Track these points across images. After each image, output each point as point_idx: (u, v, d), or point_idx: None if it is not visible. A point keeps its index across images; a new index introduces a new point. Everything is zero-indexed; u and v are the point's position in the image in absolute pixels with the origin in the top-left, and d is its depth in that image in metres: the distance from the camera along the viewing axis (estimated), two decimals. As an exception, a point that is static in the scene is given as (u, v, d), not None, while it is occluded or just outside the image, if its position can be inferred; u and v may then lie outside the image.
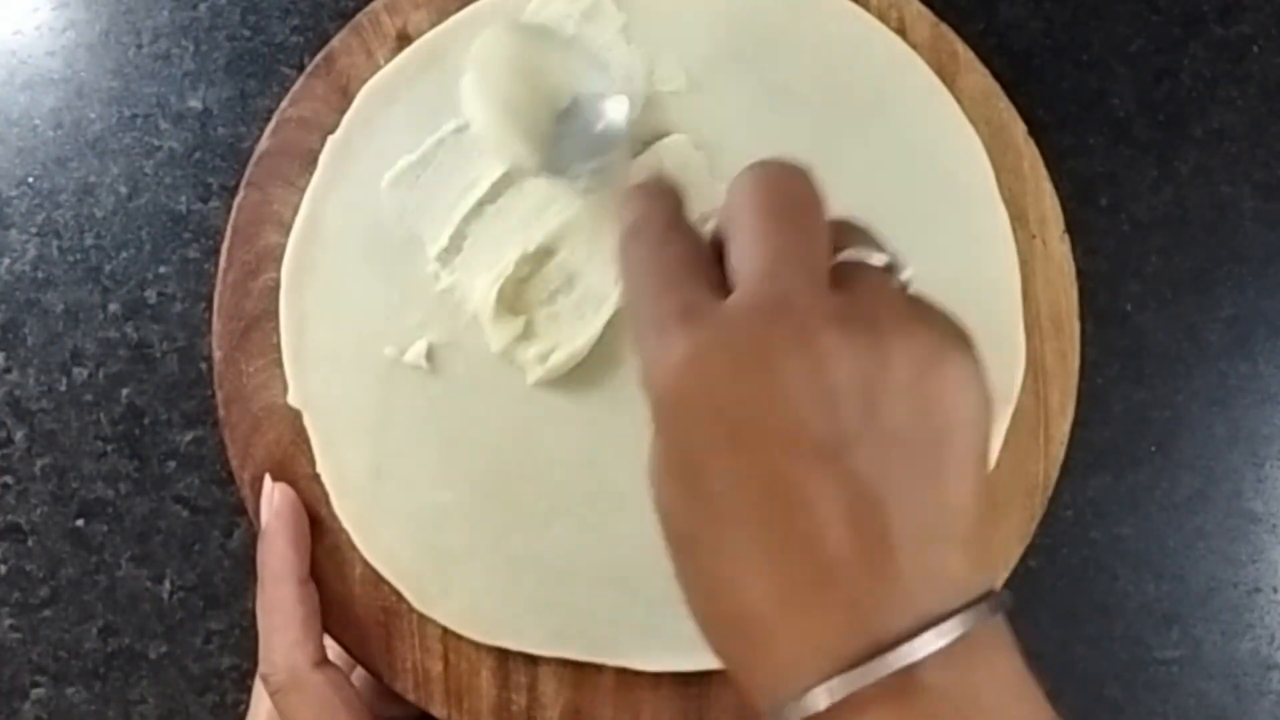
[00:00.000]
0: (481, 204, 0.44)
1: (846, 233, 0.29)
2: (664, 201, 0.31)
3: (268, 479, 0.43)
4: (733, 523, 0.26)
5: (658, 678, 0.43)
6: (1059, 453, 0.45)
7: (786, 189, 0.29)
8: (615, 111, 0.39)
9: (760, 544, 0.25)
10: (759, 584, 0.25)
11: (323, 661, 0.40)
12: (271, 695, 0.40)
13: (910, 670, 0.24)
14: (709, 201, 0.30)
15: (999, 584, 0.42)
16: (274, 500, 0.42)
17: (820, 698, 0.24)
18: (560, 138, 0.40)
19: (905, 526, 0.25)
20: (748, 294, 0.27)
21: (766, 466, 0.25)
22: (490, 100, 0.40)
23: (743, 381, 0.25)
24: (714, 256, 0.29)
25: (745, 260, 0.27)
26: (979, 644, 0.25)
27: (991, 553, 0.26)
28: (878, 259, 0.28)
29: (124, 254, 0.52)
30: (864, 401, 0.25)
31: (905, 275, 0.29)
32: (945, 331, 0.27)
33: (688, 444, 0.26)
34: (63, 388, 0.52)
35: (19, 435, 0.51)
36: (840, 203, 0.44)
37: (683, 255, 0.29)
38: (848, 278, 0.27)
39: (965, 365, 0.27)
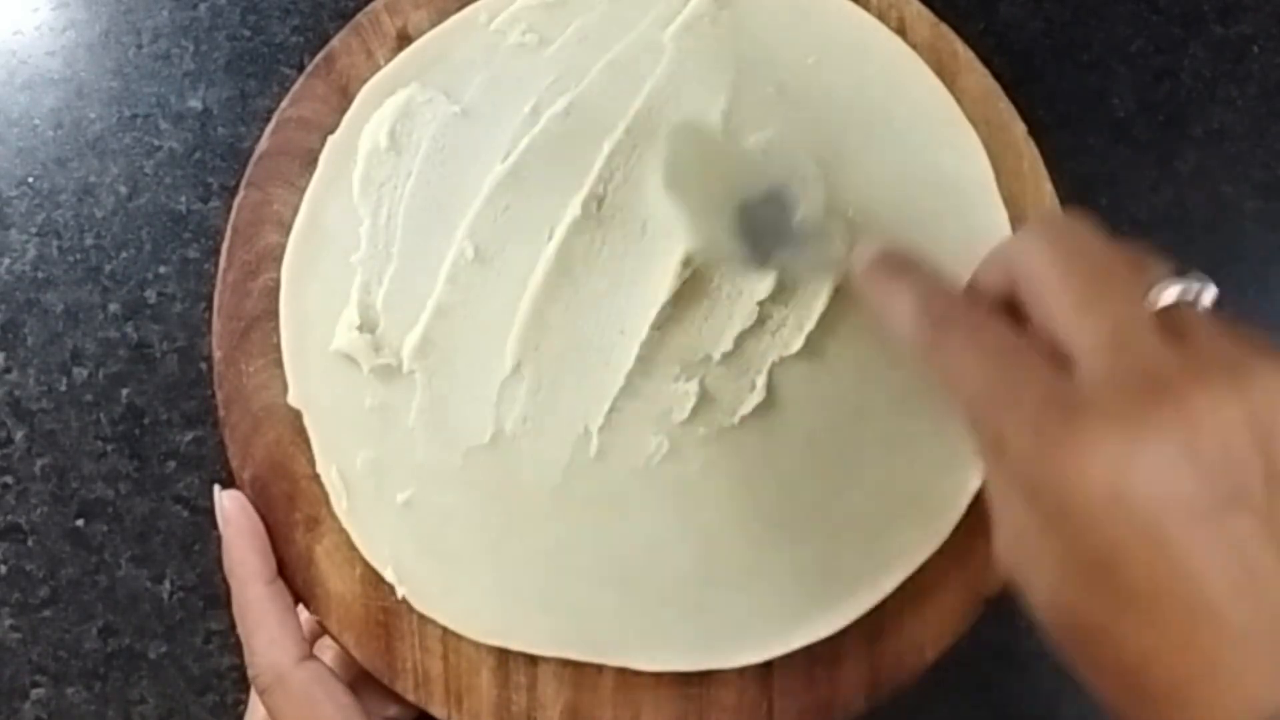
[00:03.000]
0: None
1: (1148, 267, 0.29)
2: (932, 279, 0.31)
3: (216, 488, 0.43)
4: (1149, 607, 0.26)
5: (658, 678, 0.43)
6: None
7: (1088, 247, 0.29)
8: (811, 202, 0.40)
9: (1179, 622, 0.25)
10: (1177, 660, 0.26)
11: (306, 657, 0.41)
12: (260, 696, 0.41)
13: None
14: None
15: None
16: (225, 508, 0.42)
17: None
18: (757, 230, 0.40)
19: None
20: (1106, 370, 0.27)
21: (1185, 545, 0.25)
22: (689, 199, 0.41)
23: (1144, 466, 0.25)
24: (1013, 319, 0.29)
25: (1082, 332, 0.27)
26: None
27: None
28: (1189, 290, 0.28)
29: (124, 254, 0.52)
30: (1258, 451, 0.26)
31: (1210, 296, 0.29)
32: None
33: (1100, 540, 0.26)
34: (63, 388, 0.52)
35: (19, 435, 0.51)
36: (842, 203, 0.45)
37: (1005, 335, 0.29)
38: (1173, 322, 0.28)
39: None
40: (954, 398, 0.29)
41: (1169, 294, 0.28)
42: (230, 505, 0.43)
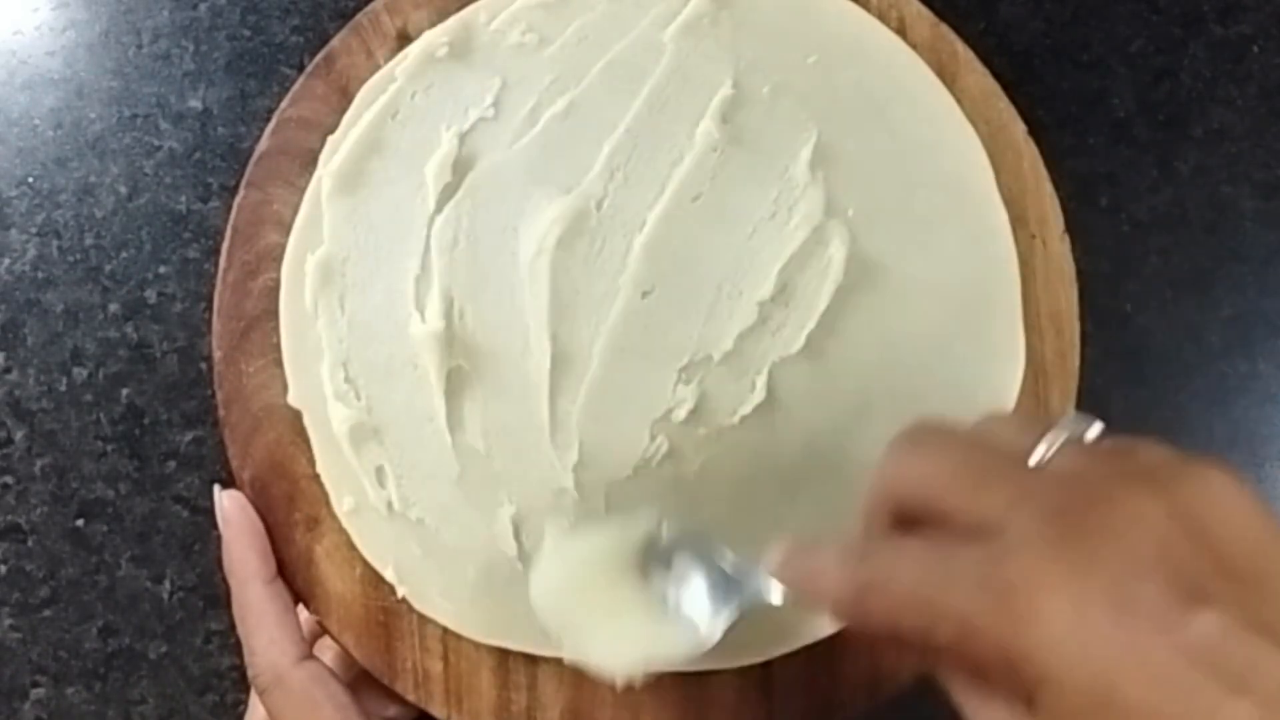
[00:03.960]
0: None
1: (1024, 428, 0.30)
2: (831, 546, 0.31)
3: (216, 488, 0.43)
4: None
5: (658, 678, 0.43)
6: (1059, 453, 0.45)
7: (954, 441, 0.30)
8: (720, 559, 0.37)
9: None
10: None
11: (305, 657, 0.41)
12: (260, 696, 0.41)
13: None
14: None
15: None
16: (224, 508, 0.43)
17: None
18: (670, 606, 0.37)
19: None
20: (1024, 520, 0.27)
21: (1163, 657, 0.25)
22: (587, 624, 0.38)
23: (1093, 591, 0.25)
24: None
25: (990, 507, 0.28)
26: None
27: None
28: (1074, 431, 0.29)
29: (124, 254, 0.52)
30: (1199, 547, 0.26)
31: (1095, 431, 0.29)
32: (1183, 457, 0.28)
33: (1085, 675, 0.26)
34: (63, 388, 0.52)
35: (19, 435, 0.51)
36: (842, 203, 0.44)
37: (921, 543, 0.29)
38: (1068, 460, 0.28)
39: (1224, 475, 0.27)
40: (908, 620, 0.29)
41: (1053, 439, 0.29)
42: (230, 505, 0.43)
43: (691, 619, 0.36)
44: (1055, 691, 0.26)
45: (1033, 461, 0.29)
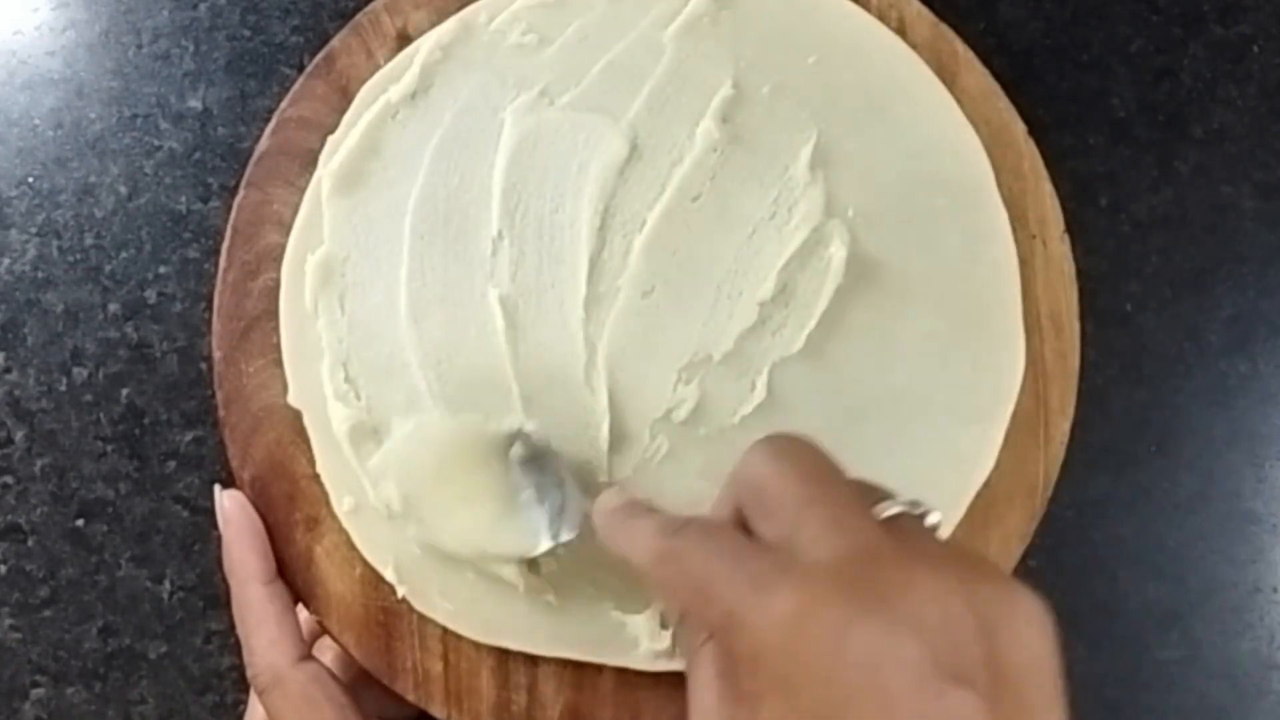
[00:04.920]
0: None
1: (868, 489, 0.30)
2: (660, 514, 0.33)
3: (217, 488, 0.43)
4: None
5: (658, 678, 0.43)
6: (1059, 453, 0.45)
7: (810, 457, 0.30)
8: (568, 479, 0.40)
9: None
10: None
11: (304, 658, 0.41)
12: (259, 696, 0.41)
13: None
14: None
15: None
16: (224, 508, 0.42)
17: None
18: (525, 511, 0.40)
19: None
20: (830, 547, 0.27)
21: (910, 704, 0.25)
22: (439, 510, 0.41)
23: (861, 627, 0.26)
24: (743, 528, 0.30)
25: (804, 525, 0.28)
26: None
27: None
28: (915, 508, 0.30)
29: (124, 254, 0.52)
30: (980, 638, 0.26)
31: (935, 518, 0.30)
32: (1005, 575, 0.29)
33: (820, 699, 0.26)
34: (63, 388, 0.52)
35: (19, 435, 0.51)
36: (842, 203, 0.44)
37: (735, 536, 0.30)
38: (897, 526, 0.29)
39: (1038, 604, 0.28)
40: (686, 598, 0.30)
41: (893, 507, 0.29)
42: (230, 505, 0.43)
43: (532, 526, 0.39)
44: (789, 700, 0.26)
45: (874, 511, 0.29)
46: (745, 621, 0.27)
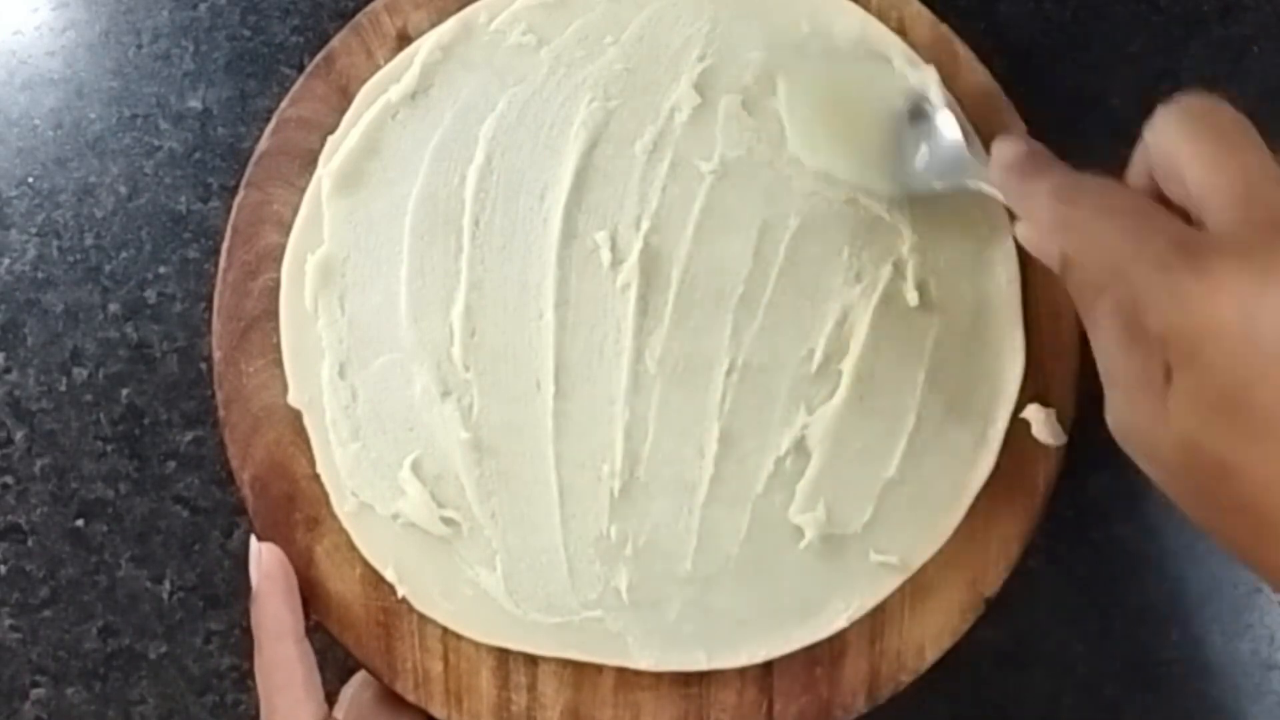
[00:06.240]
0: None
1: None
2: (1069, 170, 0.32)
3: (253, 540, 0.43)
4: (1277, 436, 0.26)
5: (658, 678, 0.43)
6: (1059, 453, 0.45)
7: (1223, 121, 0.30)
8: (949, 128, 0.41)
9: None
10: None
11: (326, 718, 0.40)
12: None
13: None
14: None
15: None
16: (262, 561, 0.42)
17: None
18: (904, 159, 0.41)
19: None
20: (1238, 220, 0.27)
21: None
22: (824, 136, 0.42)
23: (1270, 305, 0.26)
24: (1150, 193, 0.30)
25: (1214, 190, 0.28)
26: None
27: None
28: None
29: (124, 254, 0.52)
30: None
31: None
32: None
33: (1230, 372, 0.27)
34: (63, 388, 0.52)
35: (19, 435, 0.51)
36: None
37: (1136, 198, 0.30)
38: None
39: None
40: (1087, 272, 0.30)
41: None
42: (269, 558, 0.42)
43: (914, 165, 0.41)
44: (1199, 375, 0.27)
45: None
46: (1151, 304, 0.27)
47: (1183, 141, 0.30)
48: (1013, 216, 0.36)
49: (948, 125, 0.41)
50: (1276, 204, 0.28)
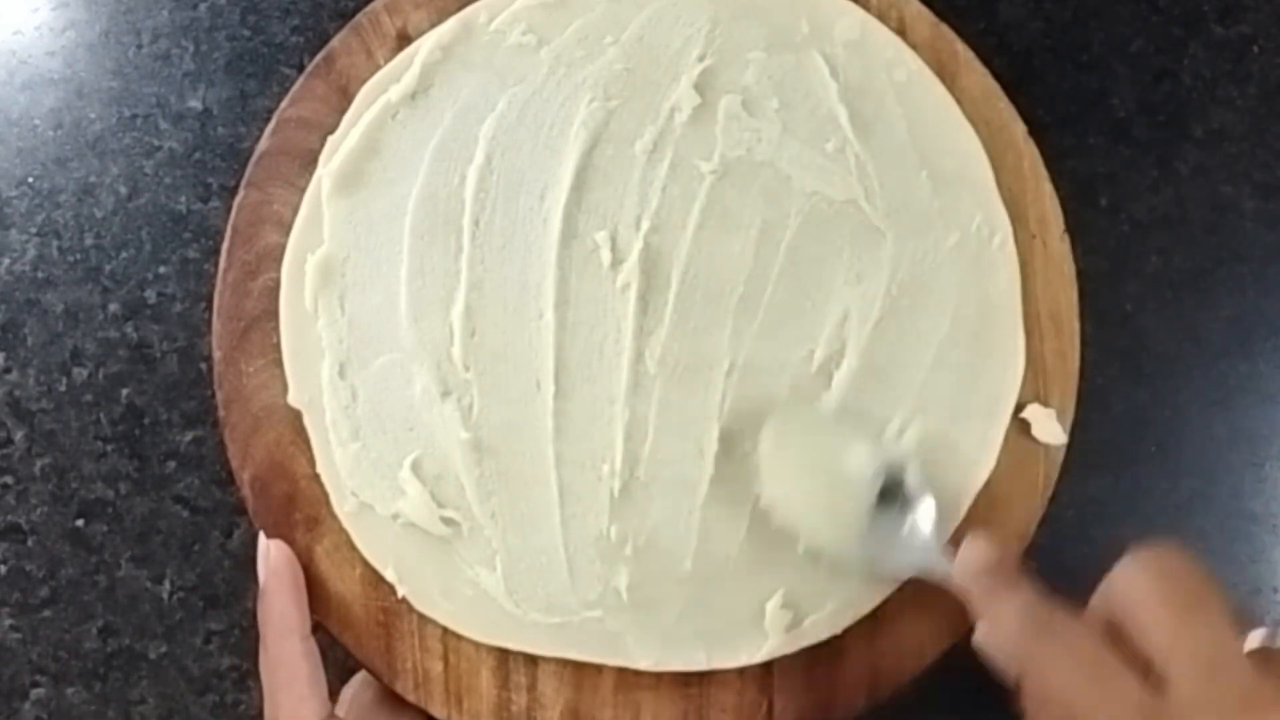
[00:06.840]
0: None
1: (1239, 610, 0.32)
2: (1038, 592, 0.33)
3: (262, 536, 0.43)
4: None
5: (658, 678, 0.43)
6: (1059, 453, 0.45)
7: (1186, 578, 0.30)
8: (925, 520, 0.41)
9: None
10: None
11: (329, 716, 0.40)
12: None
13: None
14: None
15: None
16: (270, 558, 0.42)
17: None
18: (872, 534, 0.41)
19: None
20: (1202, 693, 0.28)
21: None
22: (799, 498, 0.42)
23: None
24: (1111, 637, 0.31)
25: (1181, 656, 0.29)
26: None
27: None
28: (1275, 639, 0.31)
29: (124, 254, 0.52)
30: None
31: None
32: None
33: None
34: (63, 388, 0.52)
35: (19, 435, 0.51)
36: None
37: (1101, 650, 0.30)
38: (1264, 659, 0.29)
39: None
40: (1044, 707, 0.30)
41: (1258, 635, 0.30)
42: (277, 555, 0.42)
43: (883, 544, 0.41)
44: None
45: (1252, 645, 0.30)
46: None
47: (1150, 600, 0.30)
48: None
49: (926, 517, 0.41)
50: (1244, 680, 0.28)
